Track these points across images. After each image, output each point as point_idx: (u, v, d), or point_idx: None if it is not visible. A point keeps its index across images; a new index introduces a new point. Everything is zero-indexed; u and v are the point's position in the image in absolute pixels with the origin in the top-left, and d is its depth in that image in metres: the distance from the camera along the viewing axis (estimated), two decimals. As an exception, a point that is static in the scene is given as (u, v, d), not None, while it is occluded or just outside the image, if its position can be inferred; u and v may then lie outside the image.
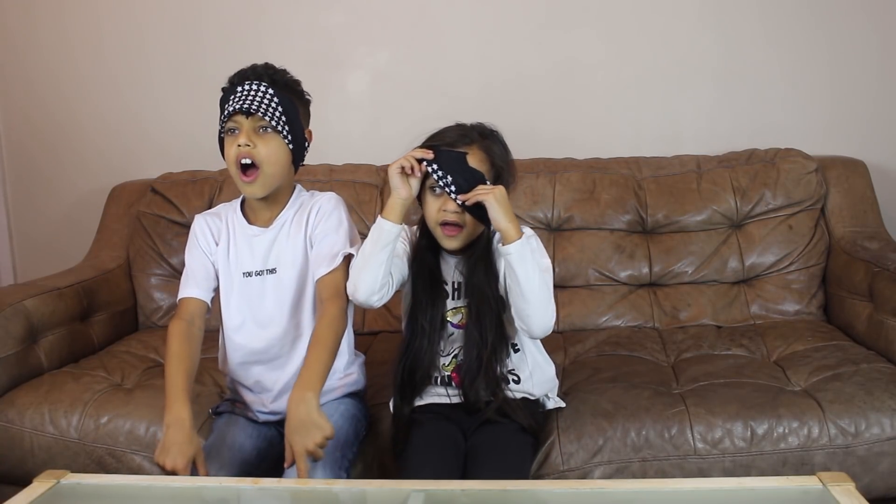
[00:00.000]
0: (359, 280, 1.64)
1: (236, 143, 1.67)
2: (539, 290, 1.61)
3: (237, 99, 1.67)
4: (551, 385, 1.84)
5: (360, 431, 1.78)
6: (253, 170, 1.68)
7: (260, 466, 1.69)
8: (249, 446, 1.70)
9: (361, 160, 2.64)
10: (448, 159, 1.64)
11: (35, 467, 1.78)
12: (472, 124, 1.73)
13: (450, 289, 1.75)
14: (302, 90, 1.81)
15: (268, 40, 2.77)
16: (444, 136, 1.69)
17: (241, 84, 1.69)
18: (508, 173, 1.72)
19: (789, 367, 2.00)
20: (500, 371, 1.72)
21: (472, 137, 1.69)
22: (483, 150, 1.68)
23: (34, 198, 2.97)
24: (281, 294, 1.75)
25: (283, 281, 1.75)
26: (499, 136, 1.74)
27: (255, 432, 1.75)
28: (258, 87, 1.69)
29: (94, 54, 2.84)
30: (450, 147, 1.66)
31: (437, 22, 2.73)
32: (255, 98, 1.67)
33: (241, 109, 1.66)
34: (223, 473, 1.61)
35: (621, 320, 2.39)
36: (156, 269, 2.51)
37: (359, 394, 1.86)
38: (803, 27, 2.63)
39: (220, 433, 1.73)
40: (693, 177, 2.48)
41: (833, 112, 2.66)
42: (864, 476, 1.74)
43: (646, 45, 2.68)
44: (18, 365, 2.05)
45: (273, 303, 1.75)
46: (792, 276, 2.38)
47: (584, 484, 1.59)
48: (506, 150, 1.74)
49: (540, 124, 2.70)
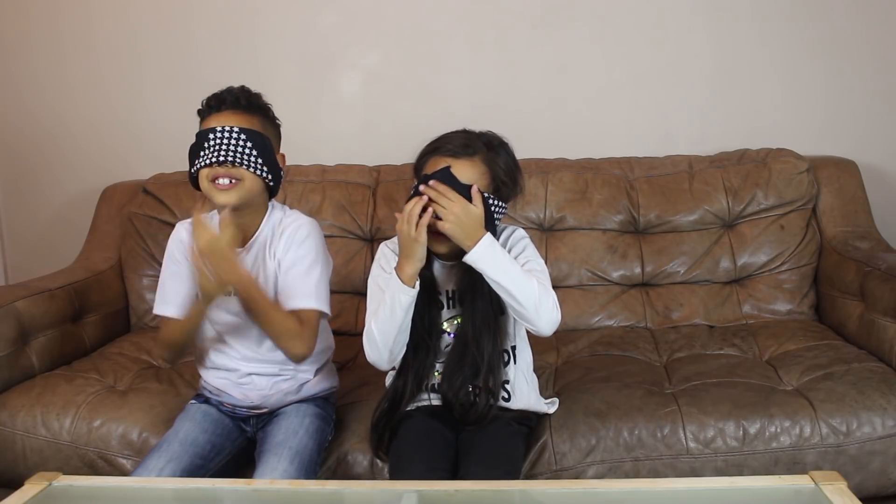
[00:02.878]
0: (385, 358, 1.66)
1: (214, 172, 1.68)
2: (522, 288, 1.57)
3: (211, 150, 1.66)
4: (535, 398, 1.82)
5: (324, 441, 1.78)
6: (232, 182, 1.68)
7: (214, 460, 1.70)
8: (203, 440, 1.70)
9: (354, 160, 2.63)
10: (436, 179, 1.59)
11: (27, 470, 1.78)
12: (480, 132, 1.69)
13: (444, 298, 1.74)
14: (273, 115, 1.79)
15: (260, 41, 2.76)
16: (448, 142, 1.65)
17: (213, 131, 1.66)
18: (511, 186, 1.69)
19: (781, 367, 2.01)
20: (494, 380, 1.70)
21: (476, 148, 1.65)
22: (485, 163, 1.64)
23: (25, 199, 2.96)
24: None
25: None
26: (507, 148, 1.70)
27: (213, 427, 1.75)
28: (230, 134, 1.66)
29: (86, 54, 2.83)
30: (452, 154, 1.63)
31: (429, 22, 2.73)
32: (230, 147, 1.66)
33: (217, 162, 1.65)
34: (171, 466, 1.61)
35: (614, 320, 2.39)
36: (147, 270, 2.50)
37: (328, 397, 1.87)
38: (795, 27, 2.64)
39: (177, 427, 1.73)
40: (685, 177, 2.48)
41: (825, 112, 2.67)
42: (855, 475, 1.75)
43: (638, 46, 2.68)
44: (10, 367, 2.04)
45: (251, 324, 1.74)
46: (784, 276, 2.39)
47: (577, 484, 1.59)
48: (513, 163, 1.70)
49: (532, 124, 2.70)
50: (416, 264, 1.59)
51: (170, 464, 1.62)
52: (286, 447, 1.65)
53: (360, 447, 1.80)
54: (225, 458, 1.74)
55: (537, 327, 1.61)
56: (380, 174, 2.58)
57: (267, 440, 1.70)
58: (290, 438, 1.67)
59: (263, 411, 1.80)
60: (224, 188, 1.67)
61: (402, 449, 1.67)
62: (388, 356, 1.65)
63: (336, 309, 2.42)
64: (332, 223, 2.49)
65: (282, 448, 1.64)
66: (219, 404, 1.82)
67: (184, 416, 1.77)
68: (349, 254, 2.48)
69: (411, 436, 1.68)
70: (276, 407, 1.80)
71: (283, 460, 1.61)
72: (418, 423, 1.71)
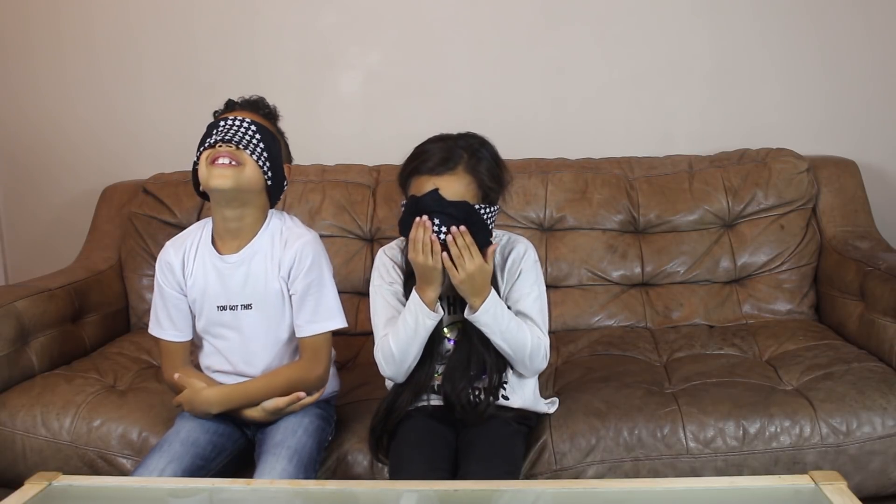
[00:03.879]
0: (402, 373, 1.70)
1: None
2: (517, 343, 1.65)
3: (219, 131, 1.66)
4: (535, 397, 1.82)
5: (324, 441, 1.78)
6: (232, 164, 1.65)
7: (215, 460, 1.71)
8: (204, 441, 1.70)
9: (353, 160, 2.63)
10: (427, 203, 1.60)
11: (27, 470, 1.78)
12: (459, 135, 1.68)
13: (446, 304, 1.74)
14: (282, 132, 1.81)
15: (260, 41, 2.76)
16: (428, 159, 1.64)
17: (225, 118, 1.68)
18: (497, 189, 1.69)
19: (781, 367, 2.01)
20: (497, 381, 1.71)
21: (456, 159, 1.64)
22: (469, 172, 1.64)
23: (25, 198, 2.96)
24: (256, 331, 1.76)
25: (258, 317, 1.75)
26: (488, 149, 1.69)
27: (214, 427, 1.75)
28: (241, 121, 1.67)
29: (87, 55, 2.83)
30: (434, 172, 1.63)
31: (429, 22, 2.72)
32: (237, 132, 1.65)
33: (224, 140, 1.64)
34: (172, 467, 1.61)
35: (614, 320, 2.39)
36: (147, 270, 2.50)
37: (329, 399, 1.87)
38: (795, 28, 2.64)
39: (178, 427, 1.74)
40: (685, 177, 2.48)
41: (825, 112, 2.67)
42: (855, 475, 1.75)
43: (638, 45, 2.68)
44: (10, 367, 2.04)
45: (251, 339, 1.76)
46: (783, 276, 2.39)
47: (577, 483, 1.59)
48: (496, 163, 1.69)
49: (532, 124, 2.70)
50: (437, 289, 1.64)
51: (171, 464, 1.61)
52: (284, 446, 1.65)
53: (360, 447, 1.80)
54: (226, 458, 1.74)
55: (523, 373, 1.73)
56: (380, 174, 2.58)
57: (266, 441, 1.70)
58: (288, 438, 1.67)
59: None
60: (222, 168, 1.63)
61: (402, 449, 1.68)
62: (405, 371, 1.70)
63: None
64: (332, 223, 2.49)
65: (280, 448, 1.64)
66: None
67: (185, 416, 1.77)
68: (349, 254, 2.47)
69: (411, 436, 1.68)
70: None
71: (282, 459, 1.61)
72: (418, 424, 1.71)
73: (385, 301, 1.74)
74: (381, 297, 1.75)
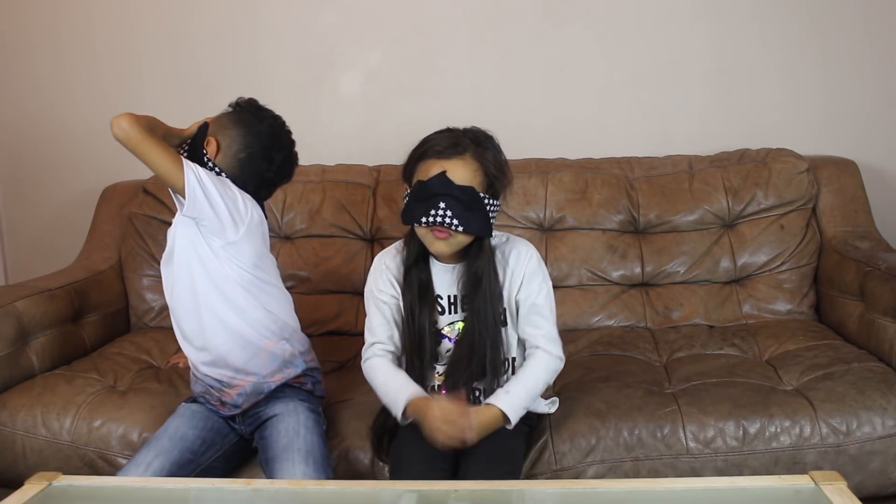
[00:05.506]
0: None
1: None
2: (541, 388, 1.72)
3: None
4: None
5: (323, 433, 1.78)
6: None
7: (204, 455, 1.72)
8: (193, 436, 1.72)
9: (354, 160, 2.64)
10: (435, 185, 1.61)
11: (27, 470, 1.78)
12: (465, 129, 1.69)
13: (446, 303, 1.74)
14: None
15: (261, 41, 2.76)
16: (436, 144, 1.65)
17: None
18: (501, 180, 1.69)
19: (781, 367, 2.01)
20: (498, 381, 1.71)
21: (464, 146, 1.65)
22: (476, 159, 1.65)
23: (25, 198, 2.95)
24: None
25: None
26: (493, 141, 1.70)
27: (203, 423, 1.76)
28: None
29: (87, 54, 2.83)
30: (443, 156, 1.63)
31: (429, 22, 2.73)
32: None
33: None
34: (160, 460, 1.63)
35: (614, 320, 2.39)
36: (147, 270, 2.50)
37: (312, 390, 1.86)
38: (795, 28, 2.64)
39: (166, 425, 1.75)
40: (685, 177, 2.48)
41: (824, 112, 2.67)
42: (855, 475, 1.75)
43: (638, 45, 2.68)
44: (10, 367, 2.04)
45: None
46: (783, 276, 2.39)
47: (577, 483, 1.59)
48: (500, 156, 1.70)
49: (532, 124, 2.70)
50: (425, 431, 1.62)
51: (158, 457, 1.63)
52: (294, 450, 1.65)
53: (361, 446, 1.80)
54: (216, 453, 1.75)
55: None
56: (380, 174, 2.58)
57: (271, 446, 1.69)
58: (294, 440, 1.67)
59: (248, 405, 1.79)
60: None
61: (403, 449, 1.68)
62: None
63: (336, 309, 2.44)
64: (332, 223, 2.49)
65: (289, 451, 1.64)
66: (205, 403, 1.82)
67: (175, 414, 1.80)
68: (349, 254, 2.47)
69: (411, 436, 1.68)
70: (262, 393, 1.78)
71: (299, 464, 1.61)
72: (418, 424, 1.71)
73: (377, 308, 1.76)
74: (373, 304, 1.77)
